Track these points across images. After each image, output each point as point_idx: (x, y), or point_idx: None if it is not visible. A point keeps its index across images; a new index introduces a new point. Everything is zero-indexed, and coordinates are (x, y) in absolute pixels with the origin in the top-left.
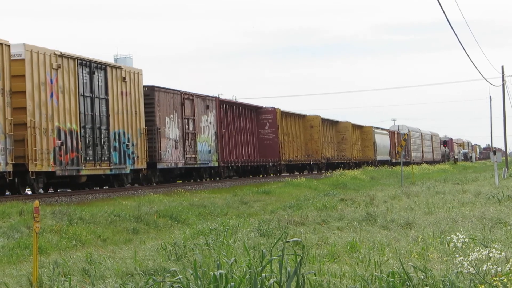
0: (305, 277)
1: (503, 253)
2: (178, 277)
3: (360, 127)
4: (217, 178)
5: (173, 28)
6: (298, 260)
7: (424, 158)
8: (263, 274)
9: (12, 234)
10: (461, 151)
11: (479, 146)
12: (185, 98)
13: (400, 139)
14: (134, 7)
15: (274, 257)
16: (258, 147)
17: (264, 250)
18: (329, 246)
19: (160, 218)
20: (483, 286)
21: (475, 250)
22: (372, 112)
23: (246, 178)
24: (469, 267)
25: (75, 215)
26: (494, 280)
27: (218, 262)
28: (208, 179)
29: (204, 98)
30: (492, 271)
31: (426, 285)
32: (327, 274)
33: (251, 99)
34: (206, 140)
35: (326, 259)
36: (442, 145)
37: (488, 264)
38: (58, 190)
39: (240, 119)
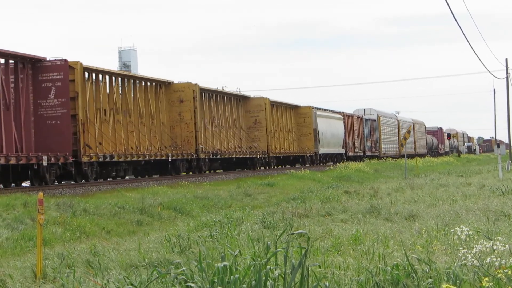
0: (309, 269)
1: (507, 246)
2: (182, 268)
3: (294, 108)
4: None
5: (177, 20)
6: (303, 252)
7: (402, 150)
8: (268, 267)
9: (17, 226)
10: (465, 144)
11: (482, 138)
12: None
13: (362, 126)
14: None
15: (278, 250)
16: (35, 131)
17: (269, 242)
18: (333, 238)
19: (164, 210)
20: (487, 279)
21: (479, 243)
22: (374, 104)
23: None
24: (473, 259)
25: (79, 207)
26: (498, 272)
27: (222, 254)
28: None
29: None
30: (496, 263)
31: (430, 278)
32: (331, 266)
33: (253, 91)
34: None
35: (330, 251)
36: (429, 136)
37: (492, 256)
38: (63, 182)
39: None
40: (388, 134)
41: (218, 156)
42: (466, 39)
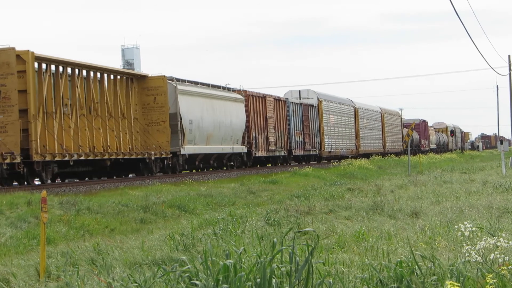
0: (313, 266)
1: (510, 242)
2: (187, 266)
3: (136, 78)
4: None
5: (180, 18)
6: (310, 250)
7: (362, 147)
8: (274, 265)
9: (20, 224)
10: (468, 140)
11: (484, 134)
12: None
13: (287, 113)
14: None
15: (284, 247)
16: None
17: (275, 240)
18: (337, 236)
19: (168, 208)
20: (490, 275)
21: (483, 239)
22: (377, 102)
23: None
24: (476, 256)
25: (83, 205)
26: (501, 269)
27: (227, 251)
28: None
29: None
30: (500, 260)
31: (434, 274)
32: (335, 263)
33: (258, 88)
34: None
35: (334, 248)
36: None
37: (496, 253)
38: (66, 181)
39: None
40: (337, 125)
41: None
42: (469, 35)
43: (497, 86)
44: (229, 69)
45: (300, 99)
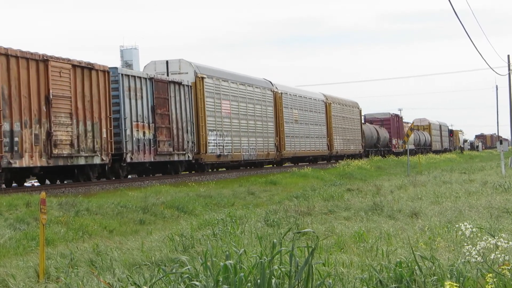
0: (313, 267)
1: (510, 242)
2: (187, 267)
3: None
4: None
5: (180, 18)
6: (310, 251)
7: (288, 149)
8: (275, 266)
9: (19, 226)
10: (467, 140)
11: (483, 134)
12: None
13: (106, 88)
14: None
15: (283, 248)
16: None
17: (275, 240)
18: (336, 236)
19: (167, 209)
20: (490, 275)
21: (483, 239)
22: (377, 102)
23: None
24: (476, 256)
25: (82, 206)
26: (501, 269)
27: (227, 252)
28: None
29: None
30: (500, 260)
31: (434, 275)
32: (334, 264)
33: None
34: None
35: (334, 249)
36: (372, 127)
37: (496, 253)
38: (65, 182)
39: None
40: (236, 116)
41: None
42: (468, 35)
43: (496, 86)
44: (229, 69)
45: (168, 74)
